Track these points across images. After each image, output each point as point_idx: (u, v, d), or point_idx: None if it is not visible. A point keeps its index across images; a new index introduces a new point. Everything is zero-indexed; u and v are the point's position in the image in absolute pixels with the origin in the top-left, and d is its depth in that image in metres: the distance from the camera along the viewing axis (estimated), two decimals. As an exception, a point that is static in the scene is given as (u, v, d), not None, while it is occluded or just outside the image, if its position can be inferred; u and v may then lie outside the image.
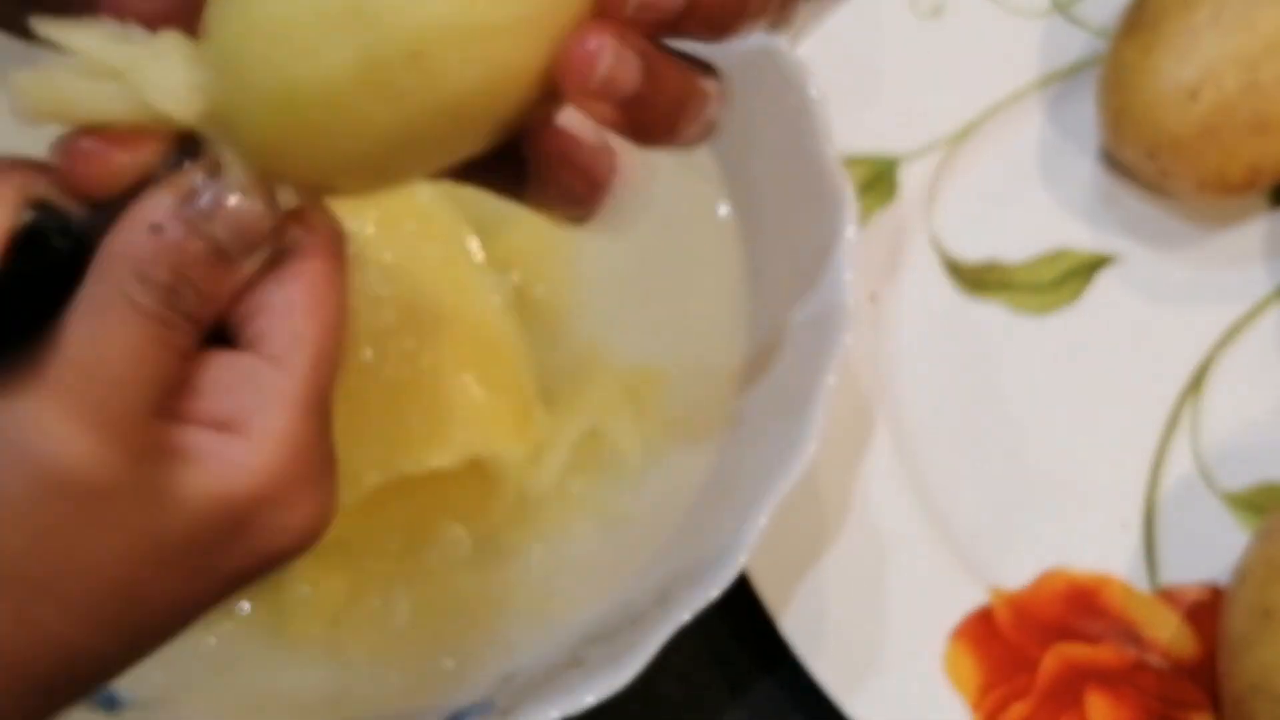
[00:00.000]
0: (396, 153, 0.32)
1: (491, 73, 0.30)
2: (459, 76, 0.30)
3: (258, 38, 0.30)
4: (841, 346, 0.48)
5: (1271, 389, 0.56)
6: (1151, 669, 0.52)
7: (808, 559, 0.52)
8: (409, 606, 0.50)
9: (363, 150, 0.31)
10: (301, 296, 0.32)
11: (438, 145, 0.32)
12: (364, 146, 0.31)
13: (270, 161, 0.31)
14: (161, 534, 0.30)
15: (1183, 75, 0.54)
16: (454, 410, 0.49)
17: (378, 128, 0.31)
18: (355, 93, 0.30)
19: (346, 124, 0.31)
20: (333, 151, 0.31)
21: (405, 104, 0.30)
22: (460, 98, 0.31)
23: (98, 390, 0.29)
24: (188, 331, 0.31)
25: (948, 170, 0.60)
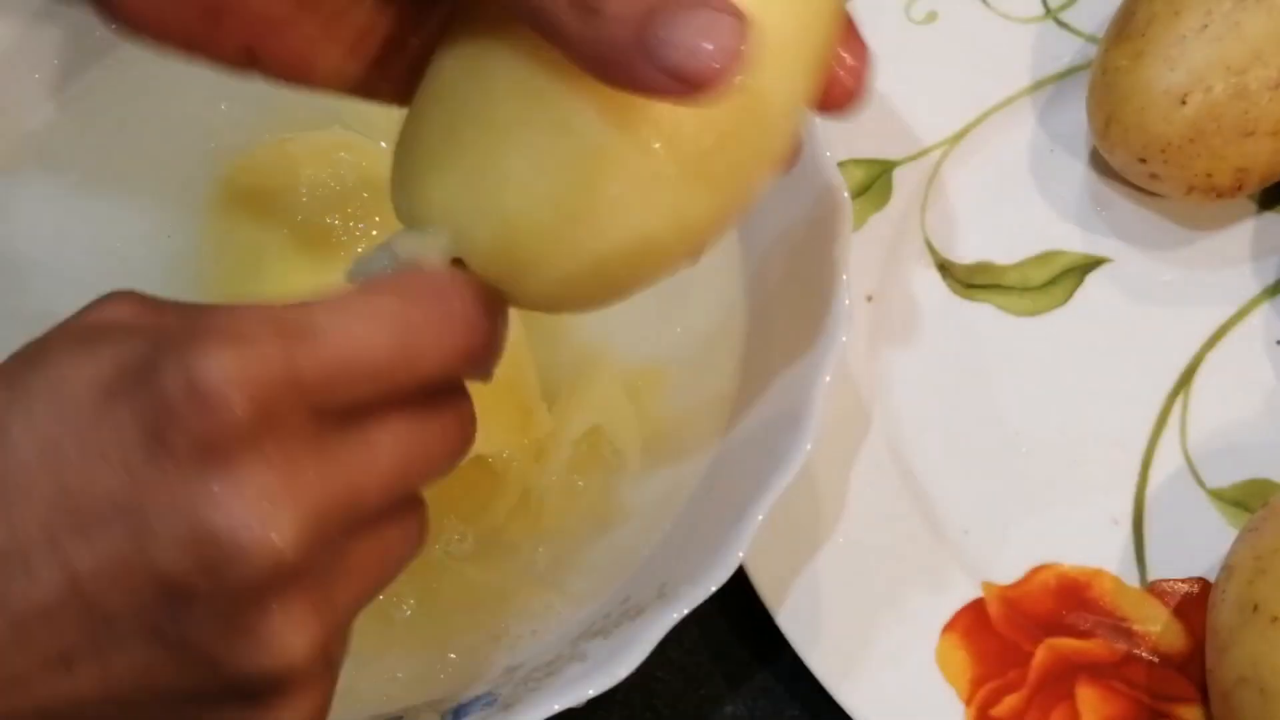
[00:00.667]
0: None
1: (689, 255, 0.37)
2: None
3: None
4: (838, 346, 0.48)
5: (1258, 388, 0.57)
6: (1141, 662, 0.52)
7: (804, 554, 0.52)
8: (413, 601, 0.50)
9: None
10: (362, 292, 0.32)
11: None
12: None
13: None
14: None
15: (1172, 80, 0.55)
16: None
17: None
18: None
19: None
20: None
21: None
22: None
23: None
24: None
25: (941, 173, 0.60)
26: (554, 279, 0.35)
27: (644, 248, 0.35)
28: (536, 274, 0.35)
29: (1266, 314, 0.58)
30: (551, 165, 0.34)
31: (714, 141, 0.34)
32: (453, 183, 0.35)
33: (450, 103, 0.35)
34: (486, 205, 0.34)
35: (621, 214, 0.34)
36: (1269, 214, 0.60)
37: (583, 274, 0.35)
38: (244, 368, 0.29)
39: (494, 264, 0.35)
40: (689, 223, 0.35)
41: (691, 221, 0.35)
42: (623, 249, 0.35)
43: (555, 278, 0.35)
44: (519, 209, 0.34)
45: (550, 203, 0.34)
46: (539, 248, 0.34)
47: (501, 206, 0.34)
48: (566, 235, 0.34)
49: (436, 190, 0.35)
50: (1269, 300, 0.58)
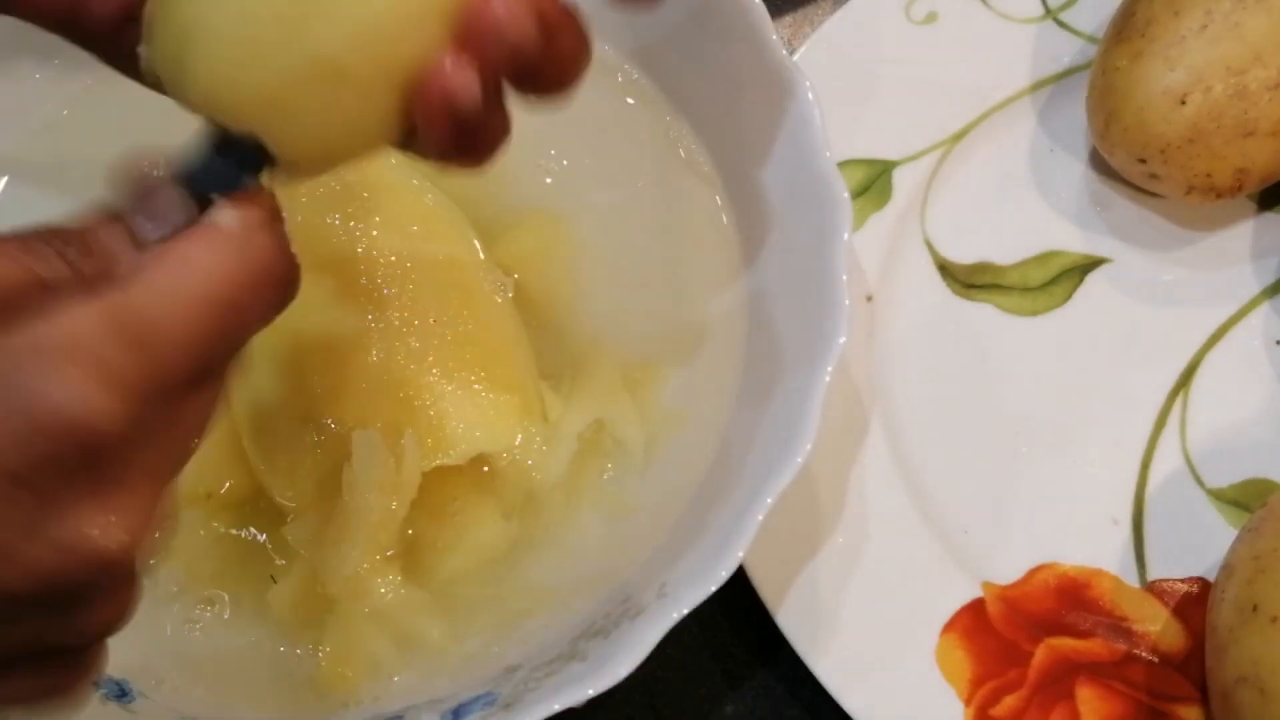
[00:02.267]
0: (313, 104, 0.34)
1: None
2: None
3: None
4: (837, 346, 0.48)
5: (1258, 388, 0.57)
6: (1141, 662, 0.52)
7: (804, 554, 0.53)
8: (413, 602, 0.50)
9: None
10: (170, 245, 0.32)
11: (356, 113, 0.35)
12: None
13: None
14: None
15: (1171, 81, 0.55)
16: (459, 407, 0.50)
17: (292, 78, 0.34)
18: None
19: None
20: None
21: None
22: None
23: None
24: (54, 264, 0.31)
25: (941, 173, 0.60)
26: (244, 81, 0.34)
27: (324, 68, 0.34)
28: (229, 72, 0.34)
29: (1266, 314, 0.58)
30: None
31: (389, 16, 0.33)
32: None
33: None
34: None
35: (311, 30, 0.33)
36: (1268, 214, 0.60)
37: (266, 79, 0.34)
38: (106, 392, 0.29)
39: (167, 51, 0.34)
40: (368, 68, 0.34)
41: (371, 70, 0.34)
42: (306, 60, 0.34)
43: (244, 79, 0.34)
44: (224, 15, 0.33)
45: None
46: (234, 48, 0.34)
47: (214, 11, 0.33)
48: (257, 40, 0.33)
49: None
50: (1268, 300, 0.58)
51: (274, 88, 0.34)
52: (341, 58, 0.34)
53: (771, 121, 0.52)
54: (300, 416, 0.49)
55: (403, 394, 0.49)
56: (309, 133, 0.35)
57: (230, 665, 0.49)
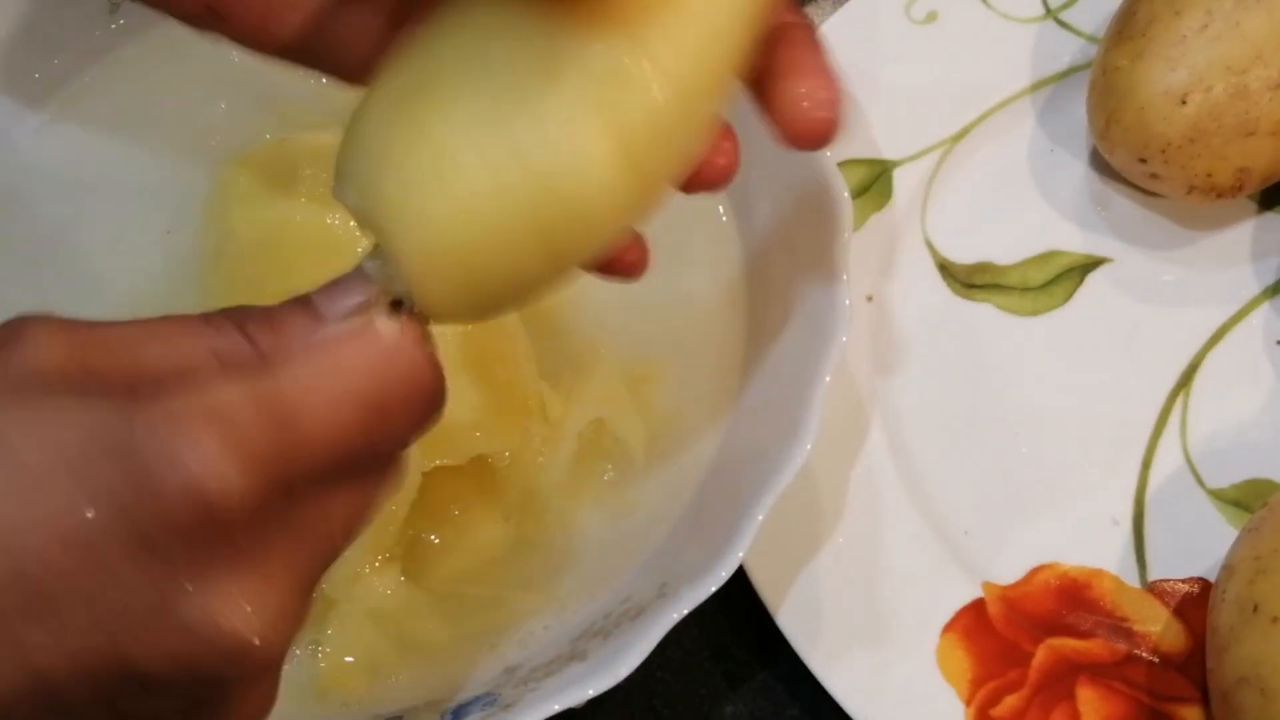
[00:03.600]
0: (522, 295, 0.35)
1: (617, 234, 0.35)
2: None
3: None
4: (838, 346, 0.48)
5: (1258, 388, 0.57)
6: (1142, 662, 0.52)
7: (804, 554, 0.52)
8: (414, 604, 0.50)
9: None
10: (335, 344, 0.32)
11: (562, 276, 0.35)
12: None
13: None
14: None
15: (1172, 80, 0.55)
16: (459, 407, 0.50)
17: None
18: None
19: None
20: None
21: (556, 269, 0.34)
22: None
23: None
24: (232, 339, 0.31)
25: (942, 173, 0.60)
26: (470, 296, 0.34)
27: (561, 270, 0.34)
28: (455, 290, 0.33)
29: (1267, 314, 0.58)
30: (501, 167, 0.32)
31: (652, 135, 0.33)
32: (408, 177, 0.33)
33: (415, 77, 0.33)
34: (420, 207, 0.32)
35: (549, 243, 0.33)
36: (1269, 214, 0.60)
37: (491, 292, 0.34)
38: (235, 464, 0.29)
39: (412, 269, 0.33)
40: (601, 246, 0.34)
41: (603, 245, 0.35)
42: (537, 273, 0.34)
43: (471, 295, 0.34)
44: (453, 224, 0.32)
45: (485, 222, 0.32)
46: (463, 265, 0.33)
47: (436, 214, 0.32)
48: (491, 261, 0.33)
49: (389, 184, 0.33)
50: (1269, 300, 0.58)
51: (486, 300, 0.34)
52: (563, 276, 0.34)
53: (772, 121, 0.52)
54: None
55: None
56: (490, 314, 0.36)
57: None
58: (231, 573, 0.30)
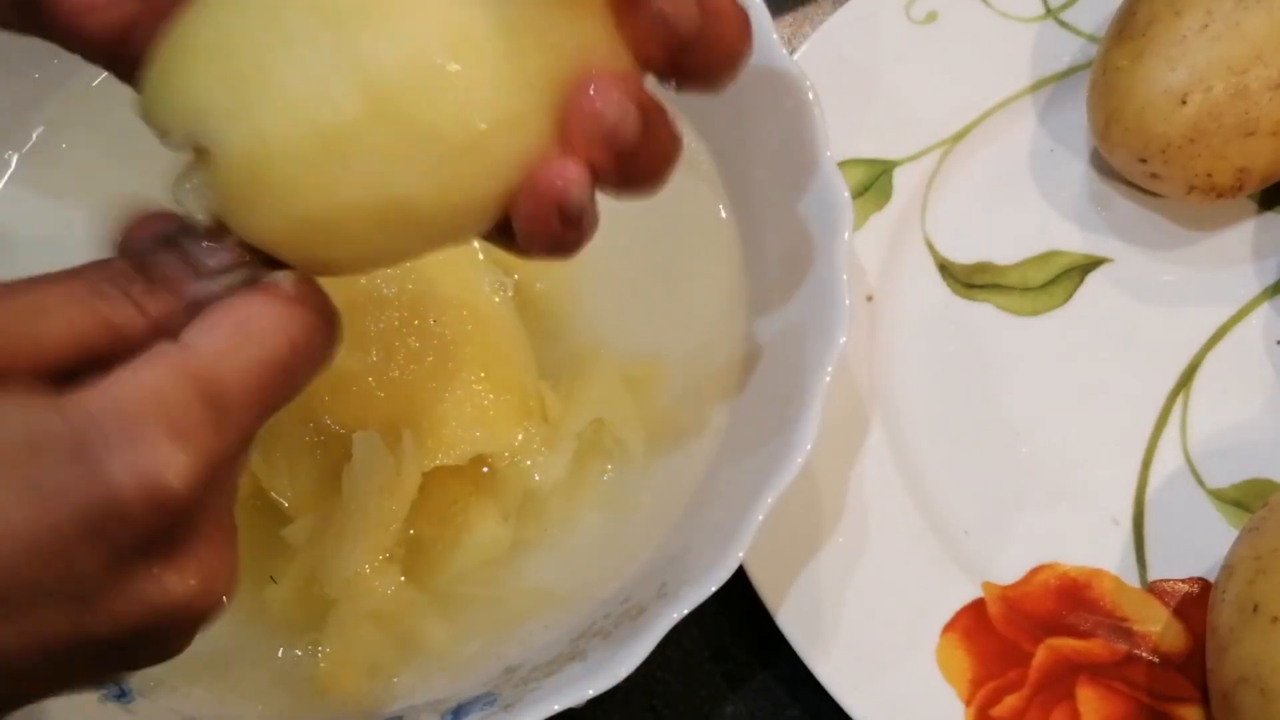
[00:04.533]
0: (379, 233, 0.34)
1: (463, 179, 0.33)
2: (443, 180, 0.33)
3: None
4: (838, 346, 0.48)
5: (1258, 388, 0.57)
6: (1141, 662, 0.52)
7: (804, 554, 0.52)
8: (413, 605, 0.50)
9: (351, 229, 0.33)
10: (236, 303, 0.33)
11: (414, 228, 0.34)
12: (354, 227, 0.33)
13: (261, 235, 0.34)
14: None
15: (1172, 80, 0.55)
16: (460, 407, 0.50)
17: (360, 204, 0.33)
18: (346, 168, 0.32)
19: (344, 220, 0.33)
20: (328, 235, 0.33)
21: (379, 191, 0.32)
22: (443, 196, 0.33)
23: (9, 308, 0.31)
24: (123, 309, 0.32)
25: (942, 173, 0.60)
26: (295, 214, 0.33)
27: (398, 204, 0.33)
28: (279, 204, 0.32)
29: (1267, 314, 0.58)
30: (329, 82, 0.31)
31: (494, 124, 0.32)
32: (214, 78, 0.32)
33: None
34: (246, 112, 0.32)
35: (390, 159, 0.32)
36: (1269, 214, 0.60)
37: (327, 216, 0.33)
38: (188, 455, 0.30)
39: (236, 178, 0.33)
40: (455, 195, 0.33)
41: (458, 196, 0.33)
42: (376, 198, 0.32)
43: (297, 212, 0.33)
44: (279, 126, 0.32)
45: (314, 126, 0.32)
46: (290, 173, 0.32)
47: (262, 118, 0.32)
48: (322, 165, 0.32)
49: (194, 82, 0.32)
50: (1269, 300, 0.58)
51: (335, 222, 0.33)
52: (420, 201, 0.33)
53: (772, 121, 0.52)
54: (300, 417, 0.49)
55: (402, 394, 0.49)
56: (362, 259, 0.35)
57: (229, 665, 0.49)
58: (184, 548, 0.31)
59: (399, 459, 0.48)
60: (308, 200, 0.32)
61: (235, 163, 0.33)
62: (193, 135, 0.33)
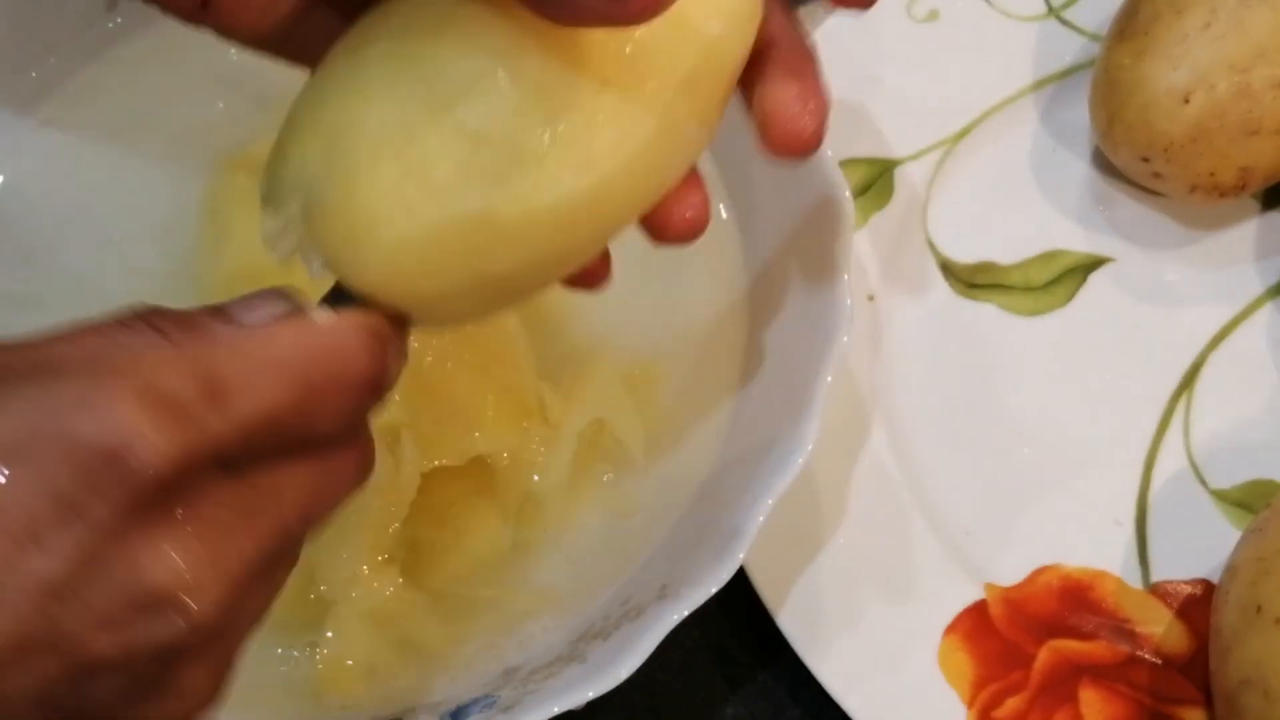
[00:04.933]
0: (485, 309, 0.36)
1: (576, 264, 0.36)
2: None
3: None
4: (839, 346, 0.48)
5: (1262, 389, 0.57)
6: (1144, 664, 0.52)
7: (805, 555, 0.52)
8: (413, 606, 0.50)
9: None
10: (268, 326, 0.32)
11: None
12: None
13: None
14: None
15: (1175, 79, 0.55)
16: (459, 408, 0.50)
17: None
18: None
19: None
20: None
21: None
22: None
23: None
24: (147, 336, 0.31)
25: (943, 172, 0.60)
26: (400, 252, 0.33)
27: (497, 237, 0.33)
28: (378, 242, 0.33)
29: (1270, 314, 0.58)
30: (404, 118, 0.32)
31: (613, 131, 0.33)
32: (309, 146, 0.33)
33: (329, 68, 0.34)
34: (336, 163, 0.32)
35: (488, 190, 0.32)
36: (1272, 213, 0.60)
37: (433, 254, 0.33)
38: (161, 427, 0.29)
39: (337, 232, 0.33)
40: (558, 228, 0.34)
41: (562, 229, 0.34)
42: (478, 231, 0.33)
43: (402, 251, 0.33)
44: (367, 166, 0.32)
45: (400, 163, 0.32)
46: (382, 211, 0.32)
47: (350, 163, 0.32)
48: (418, 204, 0.32)
49: (293, 156, 0.33)
50: (1272, 300, 0.58)
51: (442, 292, 0.34)
52: (516, 276, 0.34)
53: (772, 120, 0.51)
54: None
55: (401, 395, 0.49)
56: (456, 317, 0.36)
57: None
58: (165, 536, 0.29)
59: (398, 459, 0.48)
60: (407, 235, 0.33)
61: (335, 217, 0.33)
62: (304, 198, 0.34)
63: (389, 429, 0.48)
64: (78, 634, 0.29)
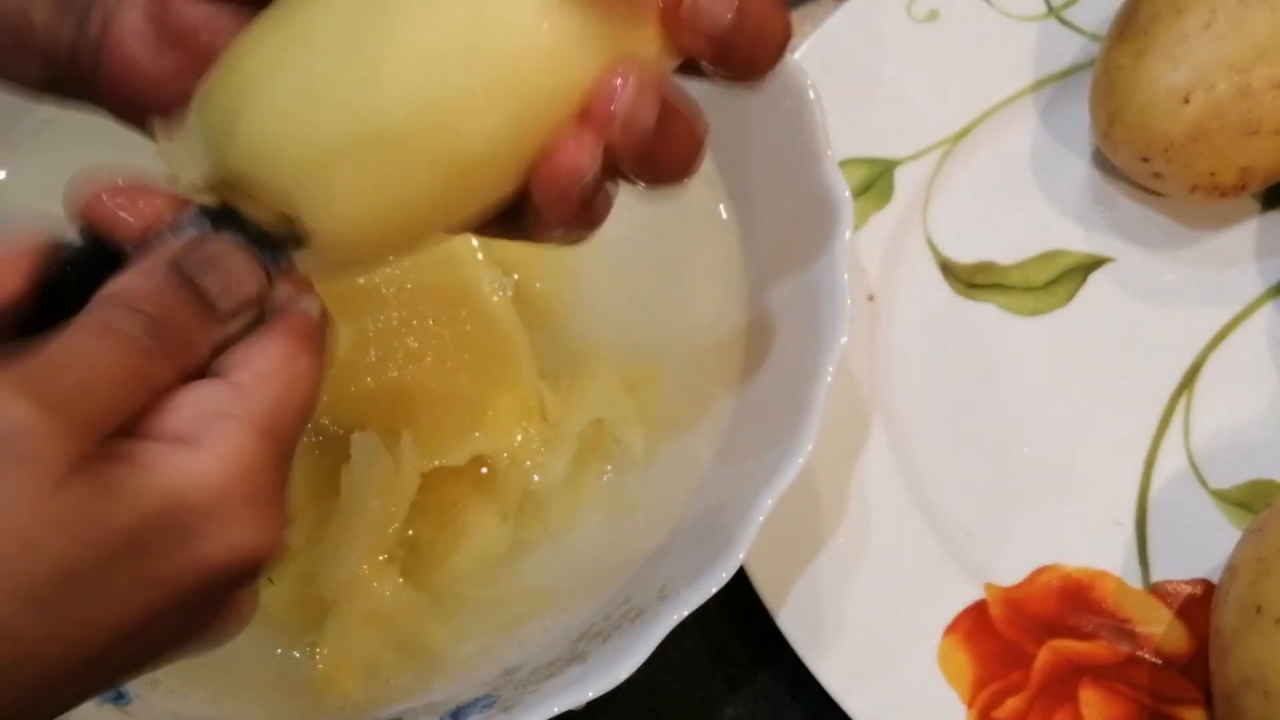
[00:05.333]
0: (404, 215, 0.34)
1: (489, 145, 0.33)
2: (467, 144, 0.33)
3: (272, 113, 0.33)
4: (839, 346, 0.48)
5: (1262, 389, 0.56)
6: (1144, 664, 0.52)
7: (805, 555, 0.52)
8: (413, 606, 0.50)
9: (375, 210, 0.33)
10: (278, 343, 0.33)
11: (445, 204, 0.34)
12: (376, 207, 0.33)
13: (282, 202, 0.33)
14: (104, 521, 0.29)
15: (1175, 79, 0.55)
16: (459, 408, 0.50)
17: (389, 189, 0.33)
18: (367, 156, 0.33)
19: (360, 183, 0.33)
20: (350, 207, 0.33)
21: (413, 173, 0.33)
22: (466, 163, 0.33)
23: (63, 384, 0.30)
24: (163, 366, 0.31)
25: (943, 172, 0.60)
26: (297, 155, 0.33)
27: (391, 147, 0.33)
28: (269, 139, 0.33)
29: (1270, 314, 0.58)
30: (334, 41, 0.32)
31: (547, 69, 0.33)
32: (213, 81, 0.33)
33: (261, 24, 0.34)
34: (248, 84, 0.33)
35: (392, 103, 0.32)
36: (1273, 213, 0.60)
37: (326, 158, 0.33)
38: (276, 530, 0.32)
39: (219, 110, 0.33)
40: (500, 135, 0.33)
41: (502, 137, 0.33)
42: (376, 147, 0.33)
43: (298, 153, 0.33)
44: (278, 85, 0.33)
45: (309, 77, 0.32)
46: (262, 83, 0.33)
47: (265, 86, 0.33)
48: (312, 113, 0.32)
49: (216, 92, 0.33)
50: (1273, 300, 0.58)
51: (322, 152, 0.33)
52: (397, 127, 0.32)
53: (772, 120, 0.52)
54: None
55: (401, 395, 0.49)
56: (353, 207, 0.33)
57: (227, 668, 0.49)
58: (248, 511, 0.31)
59: (397, 460, 0.48)
60: (301, 132, 0.33)
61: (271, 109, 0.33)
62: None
63: (389, 429, 0.49)
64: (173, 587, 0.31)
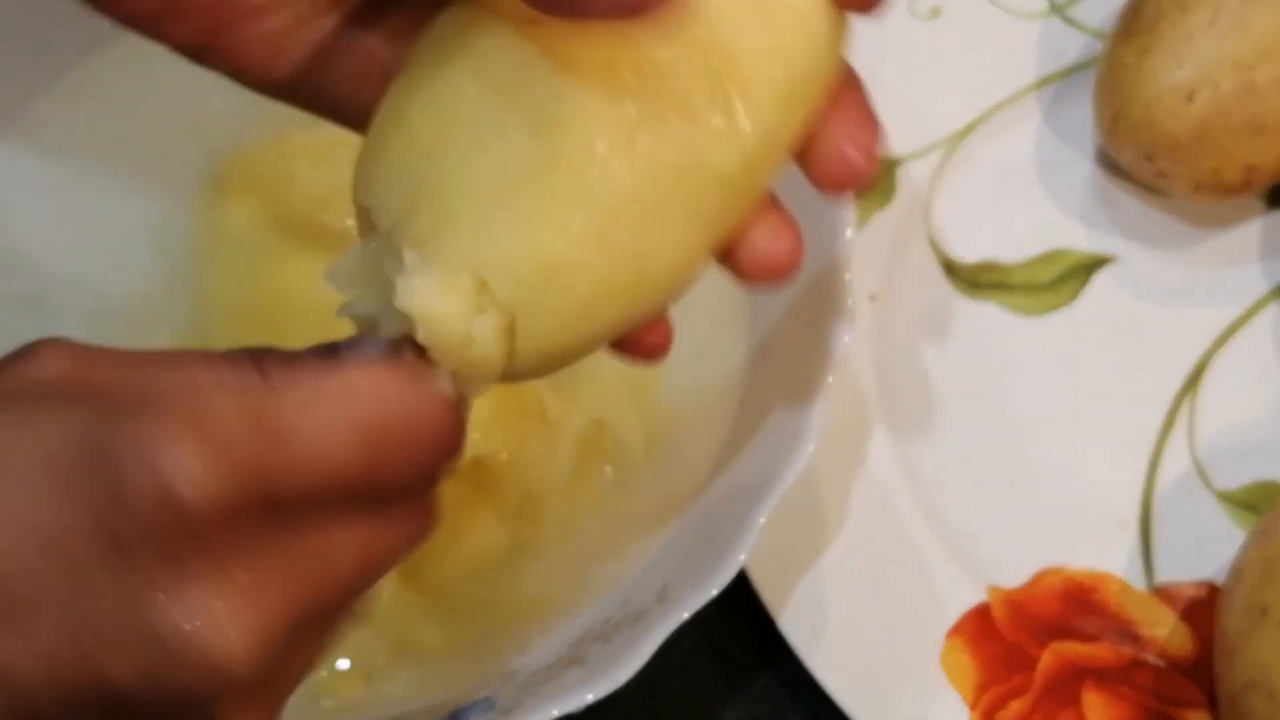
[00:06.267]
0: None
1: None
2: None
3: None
4: (840, 346, 0.48)
5: (1267, 389, 0.56)
6: (1148, 667, 0.52)
7: (806, 557, 0.52)
8: (413, 609, 0.50)
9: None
10: (346, 370, 0.31)
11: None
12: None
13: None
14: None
15: (1179, 77, 0.54)
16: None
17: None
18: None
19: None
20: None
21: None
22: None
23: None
24: (244, 368, 0.31)
25: (946, 171, 0.60)
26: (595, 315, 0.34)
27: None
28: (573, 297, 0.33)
29: (1275, 314, 0.58)
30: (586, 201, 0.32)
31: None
32: (489, 221, 0.32)
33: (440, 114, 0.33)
34: (526, 244, 0.32)
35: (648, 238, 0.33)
36: (1278, 212, 0.60)
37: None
38: (212, 467, 0.28)
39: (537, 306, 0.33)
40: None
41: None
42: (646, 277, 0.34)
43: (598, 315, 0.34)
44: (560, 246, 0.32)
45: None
46: (582, 277, 0.33)
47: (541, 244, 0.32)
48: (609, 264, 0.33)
49: (468, 228, 0.32)
50: (1277, 299, 0.58)
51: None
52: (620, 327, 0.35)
53: (774, 118, 0.51)
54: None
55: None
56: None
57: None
58: (207, 584, 0.28)
59: (396, 460, 0.48)
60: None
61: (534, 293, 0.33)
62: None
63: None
64: (106, 662, 0.28)
